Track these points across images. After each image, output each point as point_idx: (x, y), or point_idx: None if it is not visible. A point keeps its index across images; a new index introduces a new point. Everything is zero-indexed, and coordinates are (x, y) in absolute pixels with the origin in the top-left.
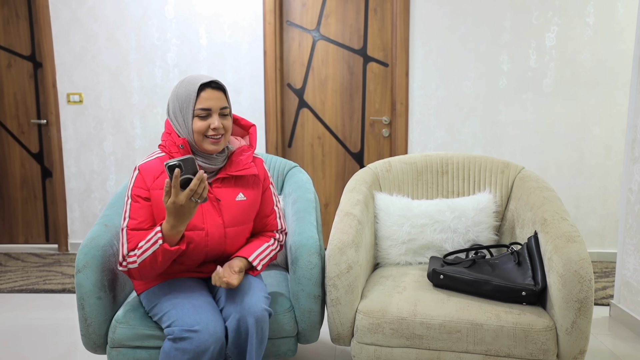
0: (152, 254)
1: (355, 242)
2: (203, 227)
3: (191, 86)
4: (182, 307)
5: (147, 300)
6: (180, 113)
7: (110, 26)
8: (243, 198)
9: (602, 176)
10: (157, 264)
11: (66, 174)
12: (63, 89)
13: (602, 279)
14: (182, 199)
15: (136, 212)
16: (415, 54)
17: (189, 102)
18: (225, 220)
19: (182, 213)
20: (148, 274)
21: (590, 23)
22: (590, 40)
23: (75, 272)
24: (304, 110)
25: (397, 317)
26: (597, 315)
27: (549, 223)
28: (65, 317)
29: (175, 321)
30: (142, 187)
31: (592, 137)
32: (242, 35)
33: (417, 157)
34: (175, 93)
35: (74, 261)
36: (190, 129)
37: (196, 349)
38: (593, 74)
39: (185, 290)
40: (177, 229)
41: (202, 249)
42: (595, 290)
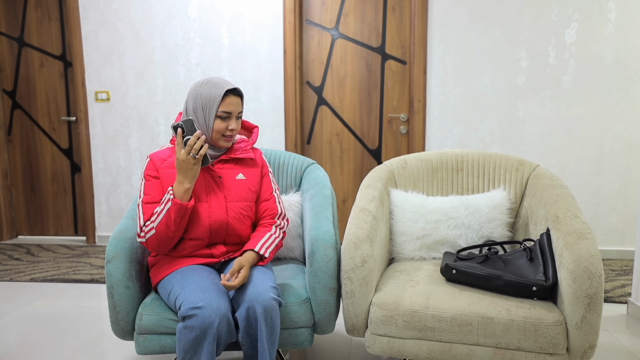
0: (167, 212)
1: (369, 237)
2: (206, 200)
3: (217, 89)
4: (189, 288)
5: (162, 289)
6: (202, 111)
7: (136, 26)
8: (243, 177)
9: (623, 173)
10: (171, 223)
11: (94, 169)
12: (91, 87)
13: (621, 276)
14: (183, 155)
15: (149, 188)
16: (433, 51)
17: (213, 103)
18: (226, 195)
19: (185, 168)
20: (165, 240)
21: (611, 19)
22: (611, 36)
23: (105, 263)
24: (322, 108)
25: (409, 309)
26: (614, 312)
27: (561, 220)
28: (94, 306)
29: (183, 302)
30: (152, 169)
31: (612, 134)
32: (263, 34)
33: (433, 155)
34: (197, 92)
35: (101, 253)
36: (210, 127)
37: (201, 324)
38: (614, 71)
39: (194, 273)
40: (184, 185)
41: (206, 220)
42: (613, 288)
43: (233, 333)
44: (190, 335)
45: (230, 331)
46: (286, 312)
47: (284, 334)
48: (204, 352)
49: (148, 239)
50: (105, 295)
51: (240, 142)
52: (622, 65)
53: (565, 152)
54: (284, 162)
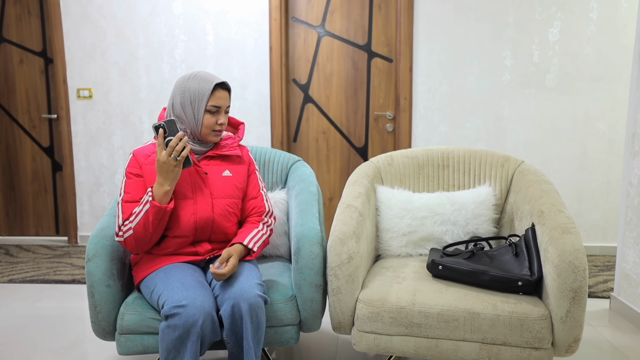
0: (145, 214)
1: (356, 233)
2: (192, 196)
3: (206, 84)
4: (172, 287)
5: (145, 288)
6: (190, 106)
7: (119, 23)
8: (229, 174)
9: (605, 170)
10: (149, 225)
11: (76, 168)
12: (73, 84)
13: (604, 272)
14: (165, 156)
15: (129, 186)
16: (419, 49)
17: (202, 97)
18: (212, 192)
19: (165, 170)
20: (142, 240)
21: (593, 18)
22: (593, 35)
23: (86, 261)
24: (309, 106)
25: (396, 306)
26: (597, 307)
27: (545, 215)
28: (75, 307)
29: (166, 300)
30: (134, 166)
31: (595, 131)
32: (249, 31)
33: (419, 151)
34: (185, 86)
35: (83, 253)
36: (200, 122)
37: (185, 323)
38: (596, 69)
39: (177, 271)
40: (164, 187)
41: (191, 217)
42: (596, 283)
43: (217, 332)
44: (174, 335)
45: (215, 330)
46: (272, 310)
47: (270, 332)
48: (188, 352)
49: (126, 239)
50: (86, 296)
51: (227, 139)
52: (604, 63)
53: (549, 149)
54: (270, 159)
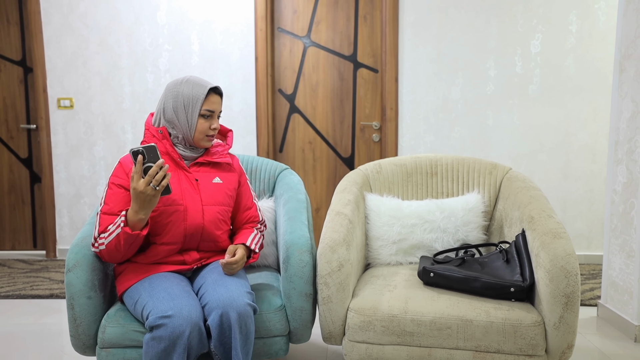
0: (116, 237)
1: (346, 240)
2: (182, 203)
3: (200, 88)
4: (157, 297)
5: (128, 299)
6: (184, 110)
7: (102, 32)
8: (219, 181)
9: (588, 180)
10: (120, 247)
11: (55, 179)
12: (54, 93)
13: (589, 280)
14: (142, 185)
15: (110, 197)
16: (405, 60)
17: (197, 102)
18: (203, 198)
19: (142, 199)
20: (115, 256)
21: (573, 31)
22: (573, 47)
23: (66, 272)
24: (295, 116)
25: (388, 314)
26: (585, 315)
27: (535, 221)
28: (53, 322)
29: (151, 311)
30: (119, 176)
31: (577, 141)
32: (234, 41)
33: (407, 159)
34: (177, 91)
35: (62, 267)
36: (193, 126)
37: (171, 334)
38: (577, 80)
39: (163, 281)
40: (139, 215)
41: (181, 223)
42: (583, 291)
43: (205, 343)
44: (159, 347)
45: (202, 341)
46: (260, 320)
47: (258, 343)
48: None
49: (100, 251)
50: (65, 310)
51: (216, 146)
52: (584, 75)
53: (533, 159)
54: (257, 167)
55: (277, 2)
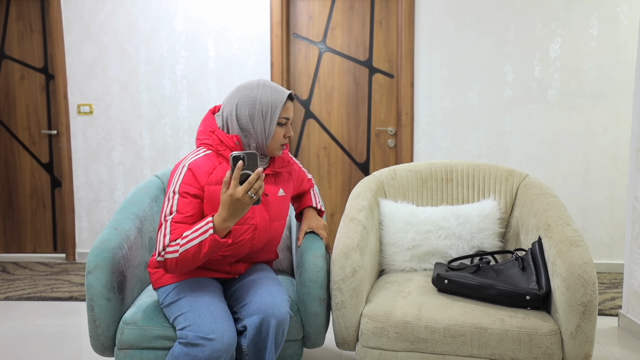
0: (199, 243)
1: (360, 246)
2: (253, 222)
3: (279, 94)
4: (199, 312)
5: (165, 296)
6: (261, 117)
7: (121, 39)
8: (283, 194)
9: (609, 186)
10: (199, 255)
11: (75, 184)
12: (74, 100)
13: (610, 289)
14: (240, 192)
15: (184, 207)
16: (420, 65)
17: (275, 109)
18: (271, 214)
19: (236, 207)
20: (185, 266)
21: (594, 34)
22: (594, 51)
23: (86, 274)
24: (310, 121)
25: (401, 320)
26: (605, 325)
27: (552, 228)
28: (72, 324)
29: (191, 326)
30: (191, 184)
31: (598, 147)
32: (250, 47)
33: (422, 165)
34: (254, 96)
35: (81, 270)
36: (270, 135)
37: (208, 357)
38: (597, 85)
39: (205, 294)
40: (227, 223)
41: (249, 242)
42: (603, 301)
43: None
44: None
45: None
46: None
47: None
48: None
49: (166, 260)
50: (84, 313)
51: None
52: (605, 79)
53: (552, 165)
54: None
55: (293, 8)
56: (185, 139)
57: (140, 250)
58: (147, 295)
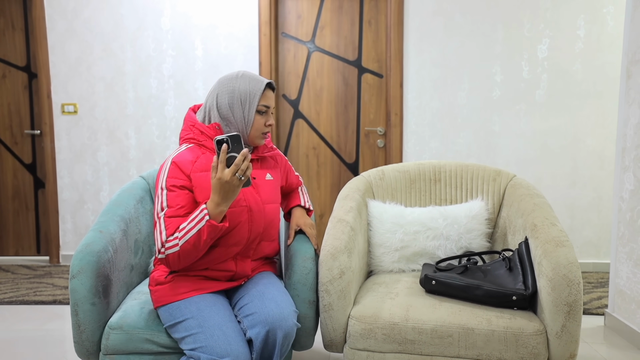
0: (197, 232)
1: (347, 248)
2: (246, 204)
3: (257, 83)
4: (211, 333)
5: (169, 315)
6: (240, 106)
7: (106, 37)
8: (271, 178)
9: (596, 187)
10: (200, 244)
11: (59, 185)
12: (58, 99)
13: (597, 289)
14: (228, 175)
15: (173, 200)
16: (410, 65)
17: (254, 97)
18: (262, 197)
19: (226, 190)
20: (188, 258)
21: (581, 35)
22: (581, 52)
23: (70, 278)
24: (299, 121)
25: (389, 322)
26: (592, 324)
27: (538, 228)
28: (56, 329)
29: (204, 347)
30: (177, 177)
31: (585, 147)
32: (238, 46)
33: (410, 166)
34: (233, 86)
35: (65, 273)
36: (250, 123)
37: None
38: (585, 85)
39: (215, 313)
40: (220, 207)
41: (245, 224)
42: (590, 300)
43: None
44: None
45: None
46: None
47: None
48: None
49: (168, 256)
50: (68, 316)
51: None
52: (592, 80)
53: (540, 165)
54: None
55: (282, 7)
56: (173, 139)
57: (125, 253)
58: (132, 299)
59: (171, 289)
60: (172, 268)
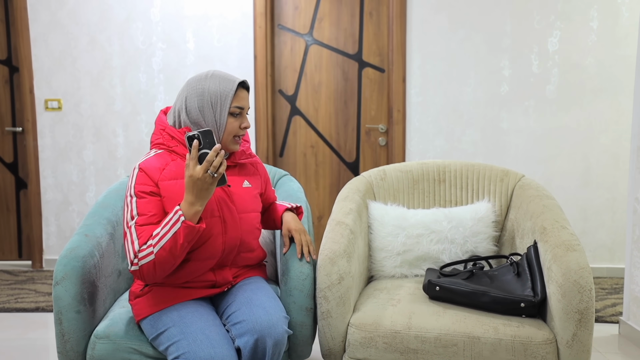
0: (173, 236)
1: (347, 252)
2: (219, 214)
3: (228, 83)
4: (194, 338)
5: (151, 327)
6: (211, 109)
7: (92, 29)
8: (249, 185)
9: (611, 187)
10: (177, 249)
11: (42, 185)
12: (41, 94)
13: (611, 295)
14: (199, 172)
15: (144, 207)
16: (413, 59)
17: (225, 98)
18: (237, 206)
19: (199, 188)
20: (164, 267)
21: (594, 27)
22: (594, 45)
23: (53, 284)
24: (296, 118)
25: (390, 330)
26: (606, 333)
27: (548, 232)
28: (38, 337)
29: (187, 353)
30: (145, 183)
31: (598, 145)
32: (231, 39)
33: (413, 165)
34: (202, 87)
35: (49, 278)
36: (222, 126)
37: None
38: (598, 80)
39: (197, 318)
40: (195, 207)
41: (219, 236)
42: (604, 307)
43: None
44: None
45: None
46: None
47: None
48: None
49: (142, 267)
50: (52, 324)
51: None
52: (606, 74)
53: (550, 164)
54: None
55: None
56: None
57: (112, 258)
58: (120, 306)
59: (150, 299)
60: (147, 280)
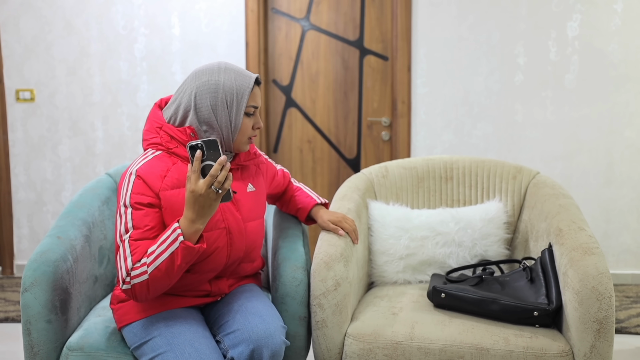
0: (170, 256)
1: (344, 255)
2: (224, 225)
3: (243, 79)
4: (181, 350)
5: (133, 335)
6: (226, 108)
7: (68, 13)
8: (253, 189)
9: (636, 185)
10: (173, 270)
11: (13, 184)
12: (11, 84)
13: (636, 304)
14: (202, 187)
15: (140, 220)
16: (419, 45)
17: (242, 97)
18: (243, 214)
19: (201, 205)
20: (158, 288)
21: (618, 10)
22: (618, 30)
23: (22, 292)
24: (291, 110)
25: (391, 341)
26: (630, 345)
27: (564, 234)
28: (7, 350)
29: None
30: (143, 193)
31: (622, 140)
32: (221, 24)
33: (418, 161)
34: (216, 82)
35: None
36: (237, 127)
37: None
38: (622, 68)
39: (185, 329)
40: (196, 225)
41: (224, 249)
42: (628, 317)
43: None
44: None
45: None
46: None
47: None
48: None
49: (134, 286)
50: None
51: None
52: (631, 62)
53: (569, 161)
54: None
55: None
56: None
57: (88, 263)
58: (96, 315)
59: (135, 305)
60: (139, 300)
